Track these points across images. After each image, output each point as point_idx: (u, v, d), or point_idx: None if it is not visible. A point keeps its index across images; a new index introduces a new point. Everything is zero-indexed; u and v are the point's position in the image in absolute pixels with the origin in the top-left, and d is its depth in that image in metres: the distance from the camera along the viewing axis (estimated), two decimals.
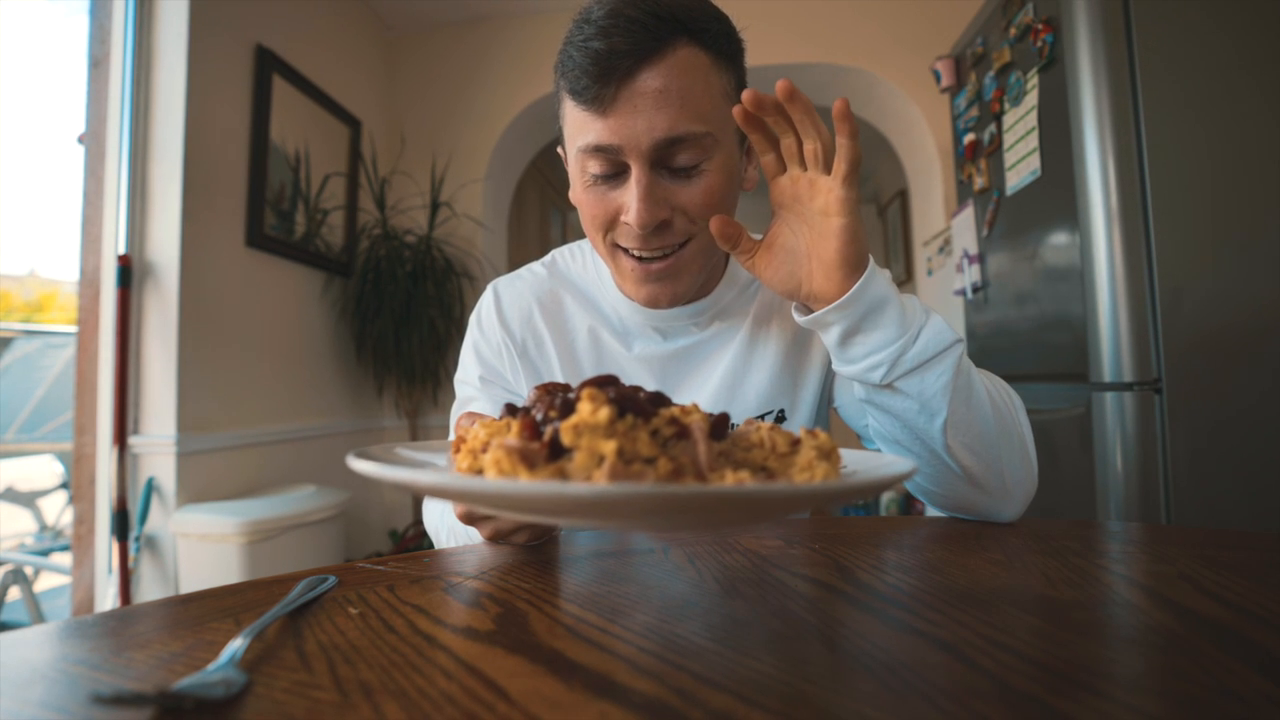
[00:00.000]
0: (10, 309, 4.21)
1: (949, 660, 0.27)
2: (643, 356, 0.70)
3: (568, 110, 0.58)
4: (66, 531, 2.53)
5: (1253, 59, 1.17)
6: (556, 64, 0.59)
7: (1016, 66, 1.47)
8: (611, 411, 0.30)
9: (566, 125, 0.60)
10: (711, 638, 0.30)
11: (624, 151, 0.55)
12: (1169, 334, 1.15)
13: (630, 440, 0.30)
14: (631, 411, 0.31)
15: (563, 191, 4.68)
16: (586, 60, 0.53)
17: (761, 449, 0.35)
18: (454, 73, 2.91)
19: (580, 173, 0.59)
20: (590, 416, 0.29)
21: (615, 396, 0.31)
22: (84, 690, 0.27)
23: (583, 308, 0.72)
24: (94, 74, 1.83)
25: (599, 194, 0.59)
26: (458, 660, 0.29)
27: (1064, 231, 1.32)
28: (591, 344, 0.71)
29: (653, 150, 0.55)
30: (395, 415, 2.77)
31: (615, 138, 0.55)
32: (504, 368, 0.72)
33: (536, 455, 0.30)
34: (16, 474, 2.85)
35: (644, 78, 0.54)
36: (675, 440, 0.31)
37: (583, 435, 0.29)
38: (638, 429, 0.30)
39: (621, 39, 0.53)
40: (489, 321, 0.73)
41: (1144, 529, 0.52)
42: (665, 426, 0.31)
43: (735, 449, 0.35)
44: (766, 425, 0.37)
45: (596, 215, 0.60)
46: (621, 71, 0.53)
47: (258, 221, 2.06)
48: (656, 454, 0.30)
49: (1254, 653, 0.27)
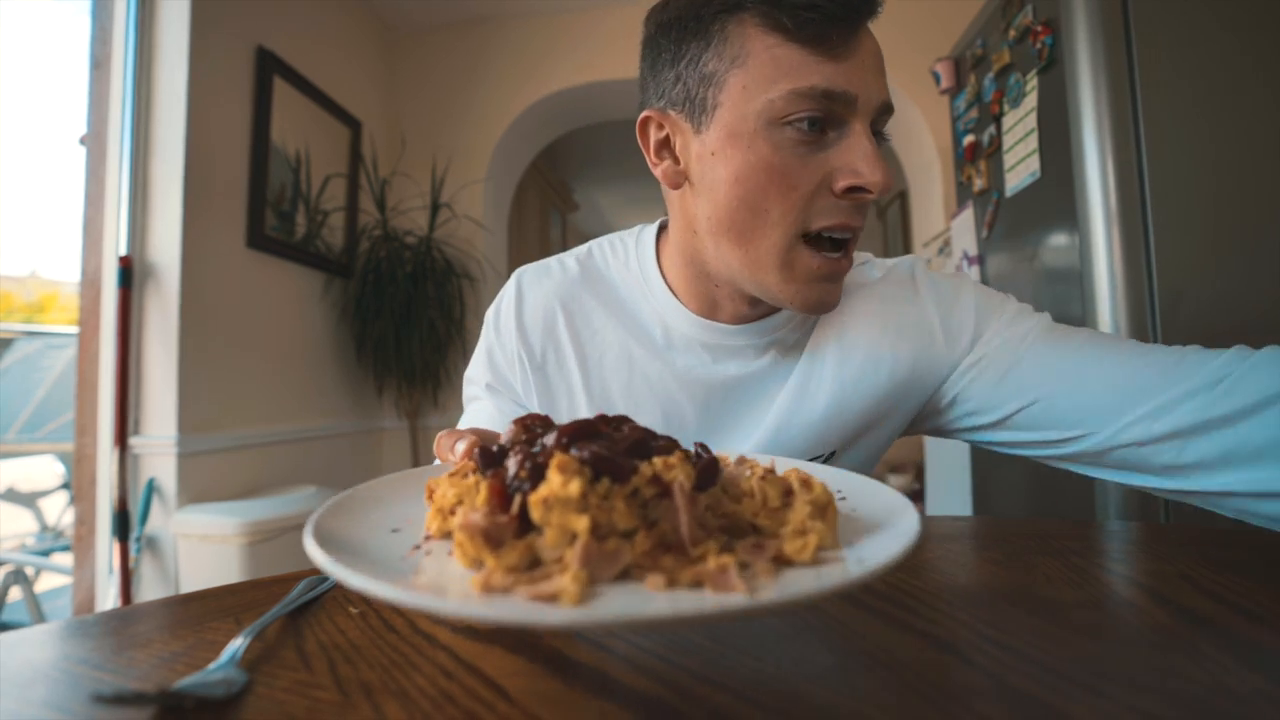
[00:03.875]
0: (11, 310, 4.22)
1: (949, 660, 0.27)
2: (685, 378, 0.60)
3: (761, 47, 0.47)
4: (67, 532, 2.53)
5: (1253, 60, 1.17)
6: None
7: (1016, 68, 1.48)
8: (583, 483, 0.27)
9: (751, 67, 0.47)
10: (711, 638, 0.30)
11: (856, 102, 0.47)
12: (1168, 335, 1.14)
13: (605, 511, 0.27)
14: (607, 474, 0.28)
15: (563, 193, 4.67)
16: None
17: (752, 500, 0.32)
18: (454, 73, 2.91)
19: (771, 125, 0.47)
20: (561, 489, 0.27)
21: (590, 458, 0.28)
22: (85, 690, 0.27)
23: (616, 317, 0.62)
24: (95, 75, 1.83)
25: (802, 155, 0.48)
26: (458, 660, 0.29)
27: (1063, 233, 1.32)
28: (624, 362, 0.61)
29: (879, 109, 0.49)
30: (395, 416, 2.77)
31: (851, 84, 0.46)
32: (515, 380, 0.64)
33: (504, 531, 0.27)
34: (17, 474, 2.85)
35: (867, 33, 0.49)
36: (657, 500, 0.29)
37: (553, 510, 0.27)
38: (614, 495, 0.28)
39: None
40: (506, 327, 0.63)
41: (1144, 529, 0.52)
42: (646, 488, 0.29)
43: (725, 497, 0.32)
44: (760, 470, 0.34)
45: (797, 183, 0.48)
46: (863, 14, 0.47)
47: (258, 222, 2.06)
48: (635, 525, 0.28)
49: (1253, 652, 0.27)
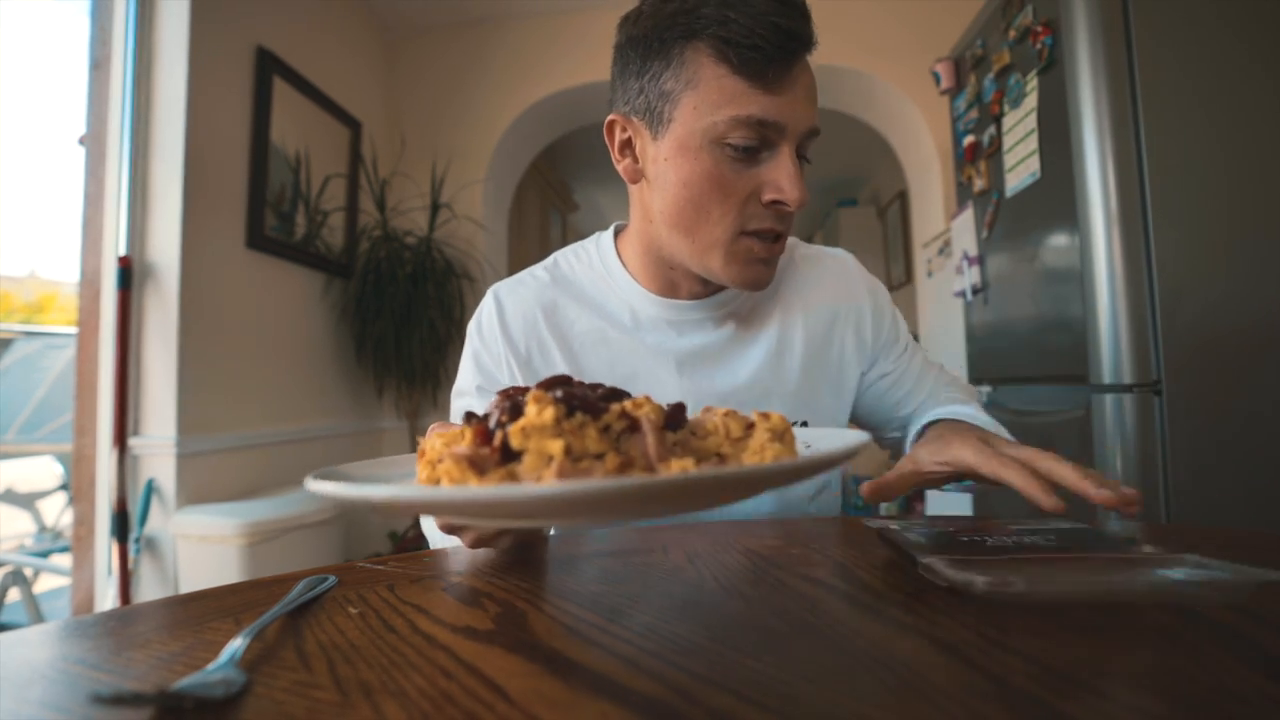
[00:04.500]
0: (10, 310, 4.22)
1: (949, 660, 0.27)
2: (656, 351, 0.68)
3: (710, 76, 0.55)
4: (66, 533, 2.52)
5: (1252, 60, 1.17)
6: (681, 23, 0.56)
7: (1016, 68, 1.48)
8: (558, 411, 0.30)
9: (700, 91, 0.56)
10: (711, 638, 0.30)
11: (784, 130, 0.56)
12: (1169, 336, 1.15)
13: (579, 438, 0.30)
14: (580, 409, 0.31)
15: (563, 193, 4.68)
16: (766, 32, 0.53)
17: (717, 435, 0.35)
18: (454, 74, 2.91)
19: (713, 143, 0.57)
20: (536, 418, 0.30)
21: (563, 396, 0.31)
22: (84, 690, 0.27)
23: (586, 310, 0.70)
24: (95, 75, 1.83)
25: (737, 169, 0.57)
26: (457, 660, 0.29)
27: (1064, 233, 1.32)
28: (601, 345, 0.69)
29: (805, 134, 0.58)
30: (395, 417, 2.77)
31: (781, 115, 0.55)
32: (504, 378, 0.70)
33: (487, 460, 0.30)
34: (16, 475, 2.85)
35: (802, 67, 0.57)
36: (628, 434, 0.32)
37: (530, 437, 0.30)
38: (587, 426, 0.30)
39: (796, 22, 0.54)
40: (490, 330, 0.70)
41: (1144, 529, 0.52)
42: (616, 421, 0.32)
43: (692, 438, 0.35)
44: (722, 411, 0.37)
45: (731, 192, 0.58)
46: (797, 53, 0.55)
47: (258, 223, 2.06)
48: (606, 449, 0.30)
49: (1254, 653, 0.27)
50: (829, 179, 4.87)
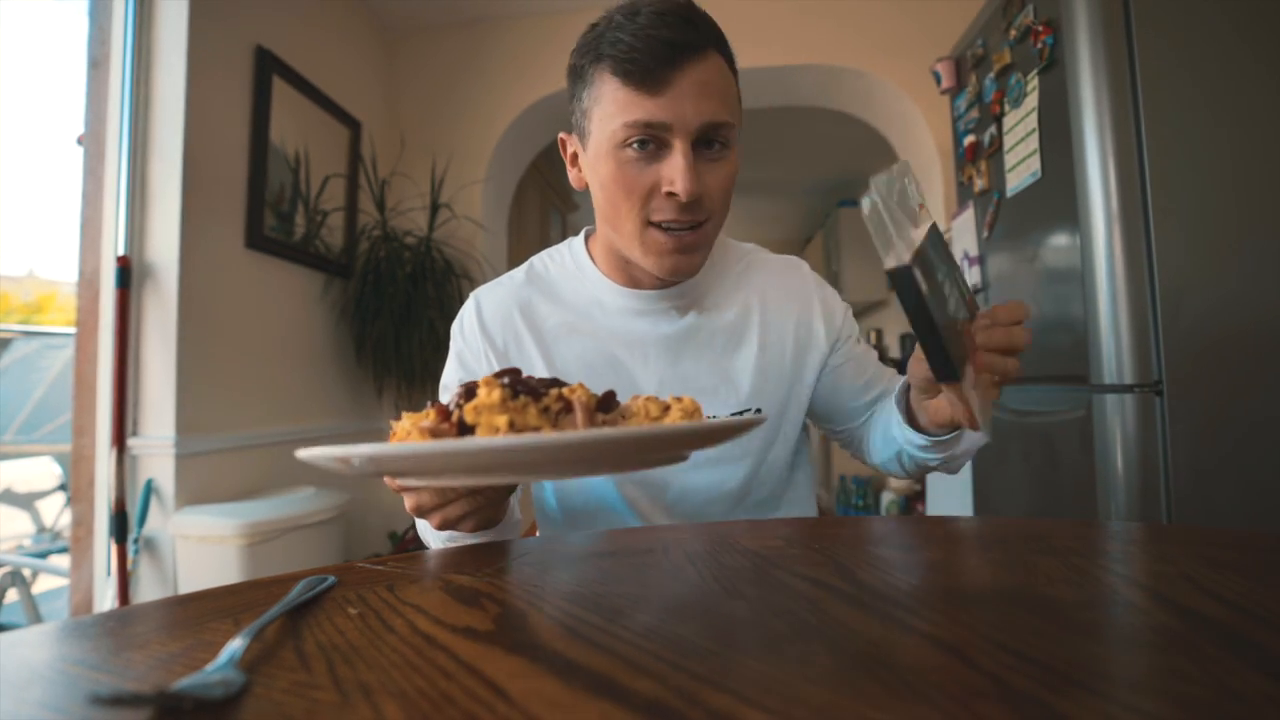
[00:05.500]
0: (9, 310, 4.21)
1: (949, 660, 0.27)
2: (627, 339, 0.75)
3: (607, 90, 0.64)
4: (65, 533, 2.52)
5: (1254, 60, 1.17)
6: (589, 48, 0.65)
7: (1017, 68, 1.48)
8: (504, 393, 0.37)
9: (602, 105, 0.64)
10: (711, 638, 0.30)
11: (672, 129, 0.62)
12: (1169, 336, 1.14)
13: (521, 415, 0.36)
14: (523, 392, 0.37)
15: (562, 193, 4.68)
16: (644, 45, 0.60)
17: (639, 416, 0.42)
18: (454, 74, 2.91)
19: (614, 147, 0.64)
20: (486, 398, 0.36)
21: (509, 382, 0.38)
22: (83, 691, 0.27)
23: (558, 305, 0.77)
24: (93, 75, 1.83)
25: (637, 168, 0.64)
26: (458, 660, 0.29)
27: (1064, 233, 1.32)
28: (573, 337, 0.75)
29: (698, 130, 0.62)
30: (395, 417, 2.75)
31: (666, 116, 0.61)
32: (484, 372, 0.74)
33: (446, 434, 0.37)
34: (15, 475, 2.85)
35: (691, 69, 0.62)
36: (564, 414, 0.38)
37: (481, 414, 0.36)
38: (528, 406, 0.37)
39: (677, 32, 0.61)
40: (470, 329, 0.77)
41: (1144, 529, 0.52)
42: (554, 403, 0.38)
43: (620, 419, 0.41)
44: (644, 396, 0.44)
45: (633, 188, 0.64)
46: (675, 59, 0.61)
47: (257, 223, 2.06)
48: (543, 425, 0.37)
49: (1254, 653, 0.27)
50: (829, 179, 4.86)
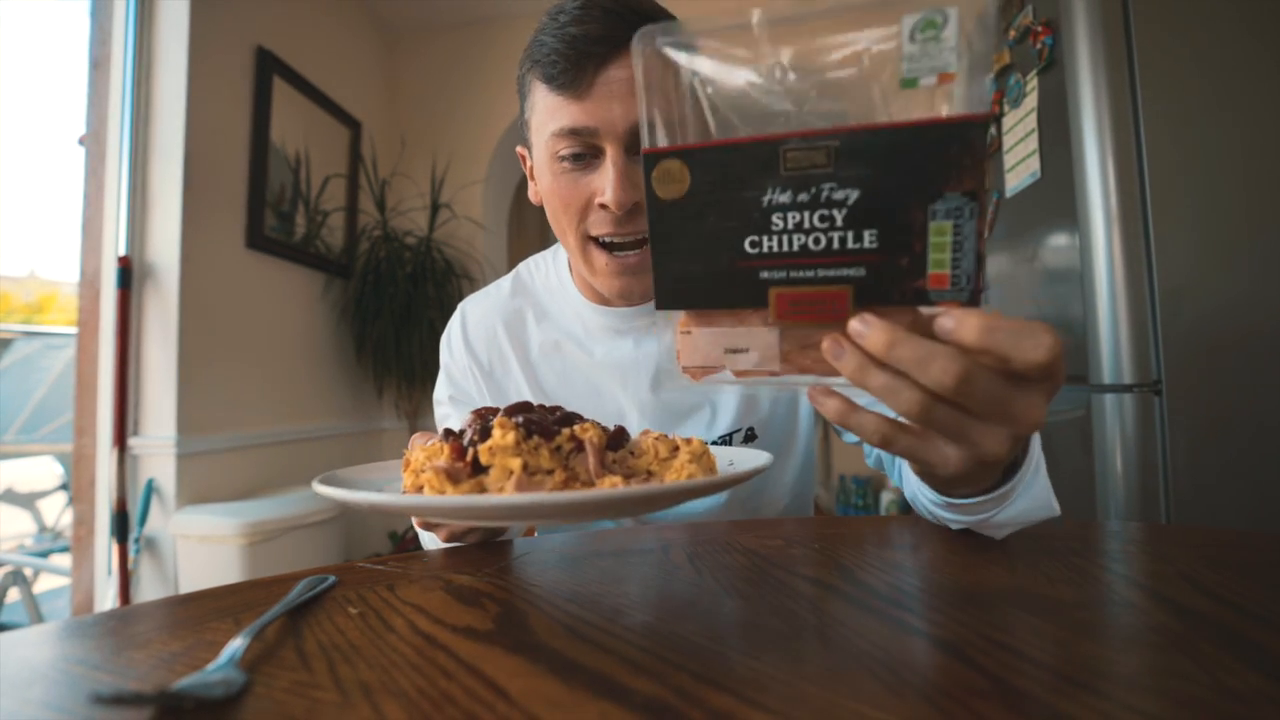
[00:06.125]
0: (10, 310, 4.21)
1: (949, 660, 0.27)
2: (607, 363, 0.70)
3: (539, 98, 0.59)
4: (66, 533, 2.53)
5: (1254, 60, 1.17)
6: (525, 56, 0.60)
7: (1016, 68, 1.48)
8: (518, 434, 0.37)
9: (536, 114, 0.60)
10: (711, 638, 0.30)
11: (600, 135, 0.56)
12: (1169, 336, 1.14)
13: (534, 456, 0.37)
14: (537, 433, 0.38)
15: None
16: (563, 45, 0.55)
17: (648, 455, 0.42)
18: (454, 74, 2.91)
19: (550, 160, 0.59)
20: (501, 440, 0.37)
21: (523, 422, 0.38)
22: (84, 690, 0.27)
23: (544, 320, 0.73)
24: (95, 75, 1.83)
25: (571, 180, 0.59)
26: (458, 660, 0.29)
27: (1064, 233, 1.32)
28: (555, 357, 0.72)
29: (628, 134, 0.56)
30: (395, 417, 2.77)
31: (591, 120, 0.56)
32: (471, 388, 0.75)
33: (460, 473, 0.37)
34: (16, 475, 2.85)
35: (615, 67, 0.55)
36: (576, 453, 0.39)
37: (496, 455, 0.37)
38: (541, 447, 0.37)
39: (597, 26, 0.55)
40: (456, 345, 0.76)
41: (1144, 529, 0.52)
42: (566, 443, 0.39)
43: (629, 456, 0.42)
44: (654, 434, 0.44)
45: (569, 202, 0.59)
46: (598, 57, 0.55)
47: (258, 223, 2.06)
48: (555, 466, 0.37)
49: (1254, 653, 0.27)
50: None
